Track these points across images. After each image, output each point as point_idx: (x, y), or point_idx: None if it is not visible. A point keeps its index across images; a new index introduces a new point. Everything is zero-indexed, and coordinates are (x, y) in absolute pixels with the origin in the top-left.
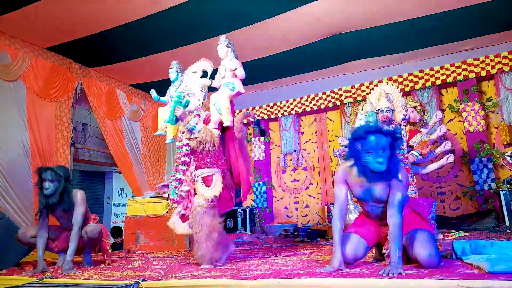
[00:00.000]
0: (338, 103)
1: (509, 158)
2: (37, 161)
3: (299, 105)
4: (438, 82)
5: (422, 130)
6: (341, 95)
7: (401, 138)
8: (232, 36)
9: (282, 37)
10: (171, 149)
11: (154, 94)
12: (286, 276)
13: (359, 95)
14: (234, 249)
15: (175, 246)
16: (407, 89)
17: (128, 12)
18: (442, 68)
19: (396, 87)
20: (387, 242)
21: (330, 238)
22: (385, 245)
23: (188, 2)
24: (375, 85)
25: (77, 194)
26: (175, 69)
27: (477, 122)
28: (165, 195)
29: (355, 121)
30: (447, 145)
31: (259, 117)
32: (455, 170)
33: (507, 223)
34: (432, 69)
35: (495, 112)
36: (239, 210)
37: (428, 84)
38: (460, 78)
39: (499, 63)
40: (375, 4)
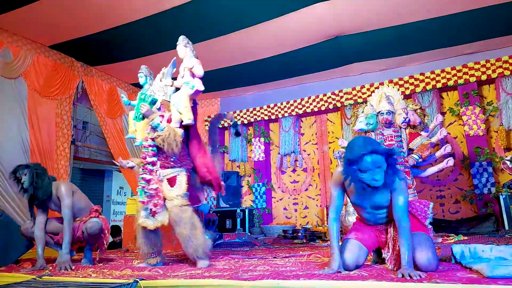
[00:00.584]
0: (338, 105)
1: (509, 163)
2: (37, 158)
3: (299, 106)
4: (439, 85)
5: (423, 133)
6: (341, 97)
7: (398, 155)
8: (233, 37)
9: (283, 38)
10: None
11: (125, 98)
12: (285, 278)
13: (360, 97)
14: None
15: (173, 246)
16: (407, 92)
17: (130, 12)
18: (443, 71)
19: (397, 90)
20: (387, 246)
21: (328, 240)
22: (385, 249)
23: (190, 3)
24: (376, 88)
25: (61, 186)
26: (143, 73)
27: (477, 126)
28: None
29: (355, 123)
30: (447, 148)
31: (259, 118)
32: (455, 174)
33: (506, 227)
34: (433, 72)
35: (495, 117)
36: (238, 211)
37: (428, 87)
38: (461, 81)
39: (500, 67)
40: (377, 7)
